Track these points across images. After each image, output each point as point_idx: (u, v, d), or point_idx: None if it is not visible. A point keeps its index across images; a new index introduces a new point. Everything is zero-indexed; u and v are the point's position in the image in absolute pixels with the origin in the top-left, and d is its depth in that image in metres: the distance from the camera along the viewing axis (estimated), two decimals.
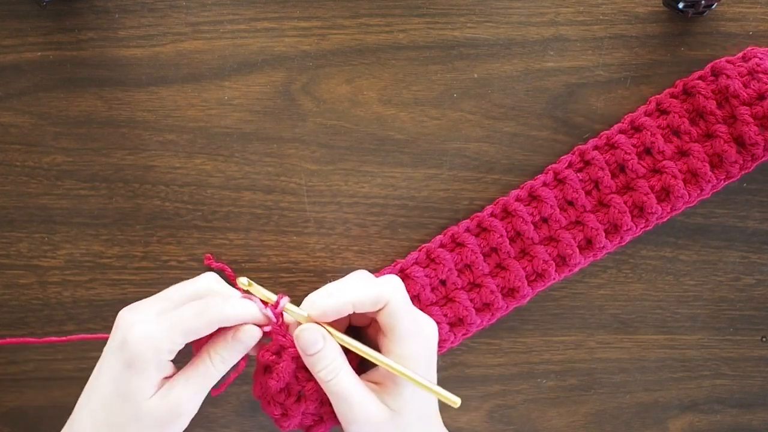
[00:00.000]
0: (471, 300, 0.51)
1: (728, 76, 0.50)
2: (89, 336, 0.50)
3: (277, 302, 0.46)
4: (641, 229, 0.52)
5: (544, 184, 0.52)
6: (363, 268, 0.52)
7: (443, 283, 0.52)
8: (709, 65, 0.52)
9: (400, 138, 0.53)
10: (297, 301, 0.47)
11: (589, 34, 0.53)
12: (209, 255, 0.53)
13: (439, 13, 0.53)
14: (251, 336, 0.45)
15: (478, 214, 0.52)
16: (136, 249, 0.54)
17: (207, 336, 0.46)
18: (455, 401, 0.44)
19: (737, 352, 0.56)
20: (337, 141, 0.53)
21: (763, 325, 0.56)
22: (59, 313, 0.54)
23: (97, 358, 0.44)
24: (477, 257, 0.51)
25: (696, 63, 0.53)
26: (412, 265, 0.52)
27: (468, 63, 0.53)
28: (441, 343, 0.51)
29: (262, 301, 0.46)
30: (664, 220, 0.52)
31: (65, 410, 0.45)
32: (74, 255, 0.54)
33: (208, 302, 0.44)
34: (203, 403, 0.45)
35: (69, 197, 0.53)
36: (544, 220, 0.52)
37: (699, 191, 0.51)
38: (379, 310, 0.45)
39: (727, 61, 0.51)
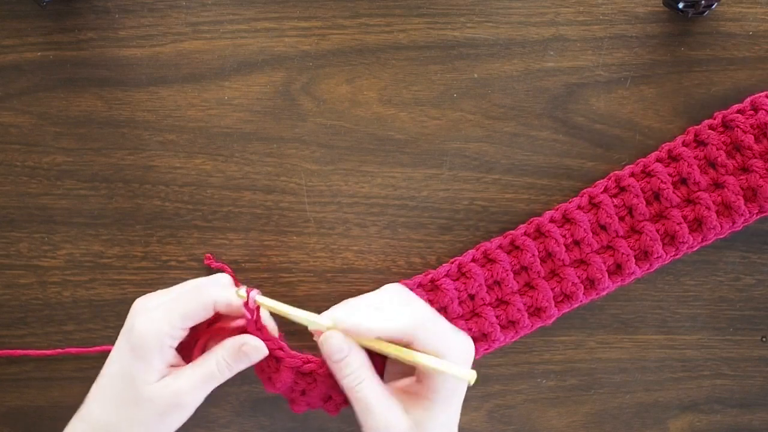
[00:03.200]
0: (497, 317, 0.51)
1: (767, 112, 0.51)
2: (86, 349, 0.51)
3: (247, 295, 0.46)
4: (671, 257, 0.52)
5: (579, 208, 0.52)
6: (363, 268, 0.52)
7: (471, 297, 0.52)
8: (749, 99, 0.52)
9: (400, 138, 0.53)
10: (300, 304, 0.47)
11: (589, 34, 0.53)
12: (209, 255, 0.53)
13: (439, 13, 0.53)
14: (257, 351, 0.45)
15: (511, 232, 0.52)
16: (136, 249, 0.54)
17: (207, 331, 0.46)
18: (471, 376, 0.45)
19: (737, 352, 0.56)
20: (337, 141, 0.53)
21: (763, 325, 0.56)
22: (59, 313, 0.54)
23: (97, 358, 0.44)
24: (508, 275, 0.51)
25: (696, 63, 0.53)
26: (443, 277, 0.52)
27: (468, 63, 0.53)
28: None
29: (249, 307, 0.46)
30: (694, 249, 0.52)
31: (65, 410, 0.45)
32: (74, 255, 0.54)
33: (201, 285, 0.46)
34: (203, 403, 0.45)
35: (69, 197, 0.53)
36: (576, 243, 0.52)
37: (731, 224, 0.51)
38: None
39: (767, 96, 0.51)
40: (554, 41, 0.53)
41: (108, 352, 0.46)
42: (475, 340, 0.51)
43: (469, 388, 0.55)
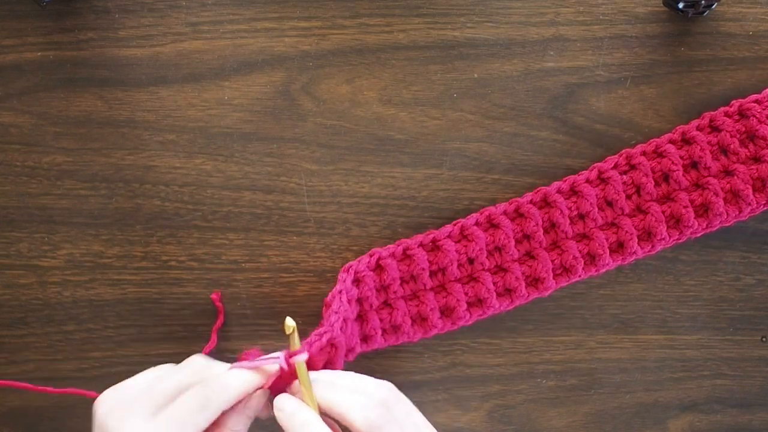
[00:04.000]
0: (495, 283, 0.51)
1: None
2: (80, 391, 0.51)
3: (294, 353, 0.43)
4: (674, 240, 0.52)
5: (588, 181, 0.52)
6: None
7: (471, 261, 0.51)
8: (767, 89, 0.52)
9: (400, 138, 0.53)
10: (300, 304, 0.47)
11: (589, 34, 0.53)
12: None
13: (439, 13, 0.53)
14: (259, 402, 0.44)
15: (517, 199, 0.52)
16: (136, 249, 0.54)
17: None
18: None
19: (737, 352, 0.56)
20: (337, 141, 0.53)
21: (763, 325, 0.56)
22: (59, 313, 0.54)
23: (97, 358, 0.43)
24: (509, 241, 0.51)
25: (696, 63, 0.53)
26: (445, 238, 0.51)
27: (468, 63, 0.53)
28: (456, 321, 0.51)
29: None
30: (698, 235, 0.52)
31: (65, 410, 0.45)
32: (74, 255, 0.54)
33: (208, 391, 0.41)
34: None
35: (69, 197, 0.53)
36: (581, 217, 0.52)
37: (738, 212, 0.51)
38: None
39: None
40: (554, 41, 0.53)
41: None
42: (470, 305, 0.51)
43: (470, 389, 0.56)
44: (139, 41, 0.52)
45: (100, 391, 0.43)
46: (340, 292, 0.48)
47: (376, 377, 0.45)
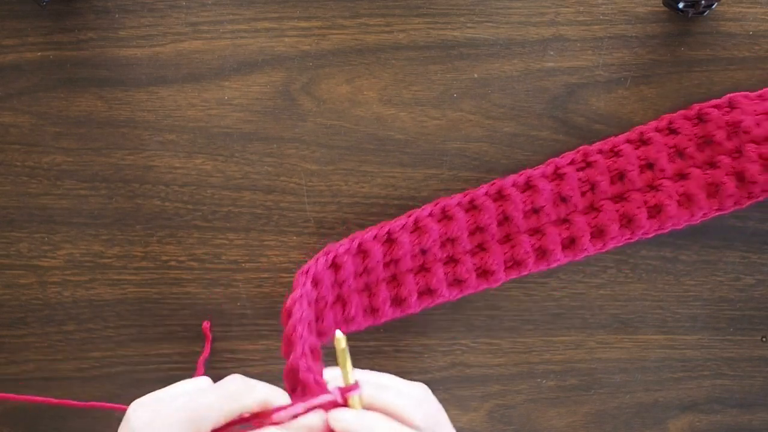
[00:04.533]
0: (446, 274, 0.51)
1: (743, 111, 0.51)
2: (108, 405, 0.50)
3: (349, 390, 0.40)
4: (625, 239, 0.52)
5: (543, 176, 0.52)
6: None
7: (424, 252, 0.52)
8: (727, 96, 0.52)
9: (400, 138, 0.53)
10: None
11: (589, 34, 0.53)
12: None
13: (439, 13, 0.53)
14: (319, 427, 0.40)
15: (472, 191, 0.52)
16: (136, 249, 0.54)
17: None
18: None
19: (737, 352, 0.56)
20: (337, 141, 0.53)
21: (763, 325, 0.56)
22: (59, 313, 0.54)
23: (97, 358, 0.43)
24: (462, 233, 0.51)
25: (696, 63, 0.53)
26: (399, 230, 0.51)
27: (468, 63, 0.53)
28: (406, 309, 0.52)
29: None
30: (649, 236, 0.52)
31: (65, 410, 0.45)
32: (74, 255, 0.54)
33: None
34: None
35: (69, 197, 0.53)
36: (535, 211, 0.52)
37: (689, 216, 0.51)
38: None
39: (745, 97, 0.51)
40: (554, 41, 0.53)
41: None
42: (420, 294, 0.51)
43: (470, 388, 0.56)
44: (139, 41, 0.52)
45: (100, 391, 0.43)
46: (301, 296, 0.47)
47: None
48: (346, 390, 0.40)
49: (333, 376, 0.42)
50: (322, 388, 0.41)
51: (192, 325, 0.54)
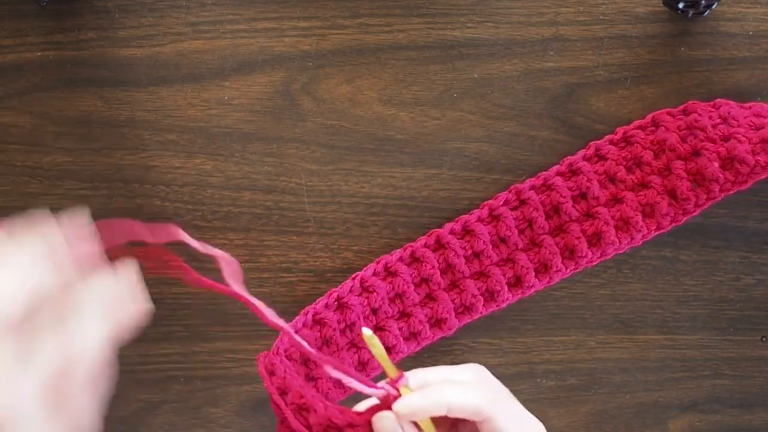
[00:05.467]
0: (400, 329, 0.52)
1: (667, 129, 0.51)
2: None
3: (396, 380, 0.40)
4: (570, 270, 0.52)
5: (479, 220, 0.52)
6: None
7: (374, 311, 0.52)
8: (651, 115, 0.52)
9: (400, 138, 0.53)
10: (300, 305, 0.47)
11: (589, 34, 0.53)
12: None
13: (439, 13, 0.53)
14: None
15: (411, 244, 0.53)
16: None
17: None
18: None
19: (737, 352, 0.56)
20: (337, 141, 0.53)
21: (763, 325, 0.56)
22: None
23: None
24: (408, 287, 0.52)
25: (696, 63, 0.53)
26: (347, 294, 0.52)
27: (468, 63, 0.53)
28: (369, 371, 0.52)
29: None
30: (594, 263, 0.53)
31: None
32: None
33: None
34: (203, 402, 0.45)
35: (69, 197, 0.53)
36: (476, 255, 0.52)
37: (630, 239, 0.52)
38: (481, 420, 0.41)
39: (668, 113, 0.52)
40: (554, 41, 0.53)
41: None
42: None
43: None
44: (139, 41, 0.52)
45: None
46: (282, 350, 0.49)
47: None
48: (395, 381, 0.40)
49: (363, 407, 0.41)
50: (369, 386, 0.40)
51: (192, 325, 0.54)
